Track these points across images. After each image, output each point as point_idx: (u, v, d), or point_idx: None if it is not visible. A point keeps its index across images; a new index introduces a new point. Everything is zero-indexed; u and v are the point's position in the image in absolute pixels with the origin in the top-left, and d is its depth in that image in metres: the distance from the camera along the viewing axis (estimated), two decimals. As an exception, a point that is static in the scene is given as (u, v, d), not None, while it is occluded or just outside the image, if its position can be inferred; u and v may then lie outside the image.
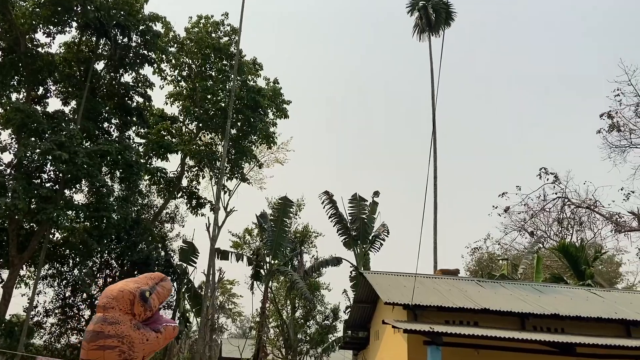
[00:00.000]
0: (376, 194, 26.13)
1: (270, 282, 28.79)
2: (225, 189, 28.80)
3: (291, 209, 26.53)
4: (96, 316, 2.96)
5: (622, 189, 31.34)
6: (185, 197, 29.52)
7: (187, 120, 30.19)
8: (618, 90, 29.16)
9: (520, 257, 31.41)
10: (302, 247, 30.41)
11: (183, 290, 25.16)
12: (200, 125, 29.11)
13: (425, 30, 29.05)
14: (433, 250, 25.76)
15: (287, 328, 32.52)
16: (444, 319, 12.73)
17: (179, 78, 30.03)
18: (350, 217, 25.42)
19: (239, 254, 27.00)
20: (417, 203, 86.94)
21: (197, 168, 30.19)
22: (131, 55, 25.54)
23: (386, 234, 25.59)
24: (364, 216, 25.31)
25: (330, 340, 30.34)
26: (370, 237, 25.21)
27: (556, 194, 30.39)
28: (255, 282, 27.87)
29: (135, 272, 25.41)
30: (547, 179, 30.39)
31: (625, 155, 31.00)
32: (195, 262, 26.28)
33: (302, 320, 33.31)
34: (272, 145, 30.22)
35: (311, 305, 32.18)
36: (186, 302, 27.03)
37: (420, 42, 29.52)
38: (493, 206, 31.92)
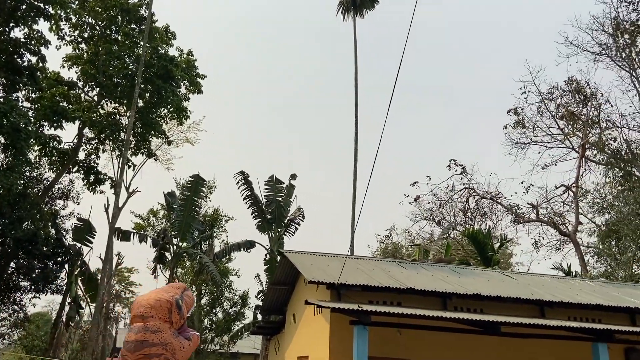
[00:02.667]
0: (293, 176, 25.30)
1: (176, 267, 26.97)
2: (130, 164, 26.45)
3: (203, 189, 24.91)
4: (136, 325, 2.95)
5: (522, 182, 33.29)
6: (82, 171, 26.73)
7: (87, 87, 27.31)
8: (524, 88, 30.84)
9: (427, 245, 32.20)
10: (212, 231, 28.83)
11: (76, 273, 22.65)
12: (103, 93, 26.44)
13: (350, 9, 28.58)
14: (350, 235, 25.47)
15: (192, 316, 30.81)
16: (367, 299, 12.18)
17: (80, 39, 27.06)
18: (266, 200, 24.36)
19: (143, 234, 24.90)
20: (333, 188, 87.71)
21: (97, 141, 27.44)
22: (24, 7, 22.42)
23: (302, 218, 24.87)
24: (280, 199, 24.37)
25: (237, 327, 29.12)
26: (285, 221, 24.33)
27: (463, 184, 31.55)
28: (158, 266, 25.92)
29: (19, 251, 22.50)
30: (456, 170, 31.49)
31: (525, 152, 33.03)
32: (91, 243, 23.81)
33: (208, 308, 31.75)
34: (183, 120, 28.25)
35: (219, 292, 30.75)
36: (79, 286, 24.47)
37: (344, 22, 29.09)
38: (404, 195, 32.52)
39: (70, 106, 25.70)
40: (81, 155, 27.12)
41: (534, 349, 11.94)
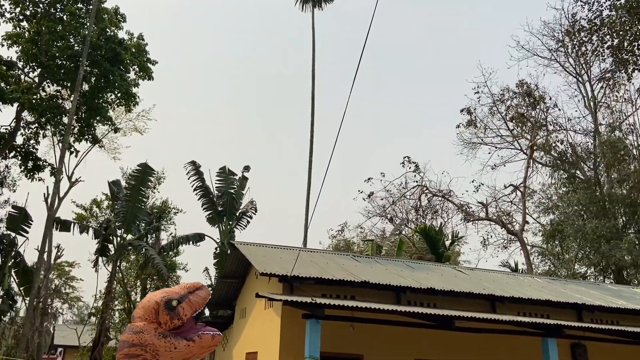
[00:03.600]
0: (246, 168, 24.65)
1: (119, 260, 25.72)
2: (72, 150, 25.02)
3: (151, 178, 23.83)
4: (128, 325, 3.10)
5: (473, 181, 33.94)
6: (20, 157, 25.08)
7: (27, 68, 25.64)
8: (478, 88, 31.43)
9: (379, 241, 32.25)
10: (160, 223, 27.71)
11: (9, 264, 21.14)
12: (45, 74, 24.88)
13: (309, 0, 28.12)
14: (304, 229, 25.10)
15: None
16: (321, 292, 11.80)
17: (21, 17, 25.42)
18: (218, 192, 23.59)
19: (84, 225, 23.56)
20: (287, 182, 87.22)
21: (37, 125, 25.80)
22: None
23: (254, 211, 24.25)
24: (232, 191, 23.66)
25: (184, 323, 28.13)
26: (237, 214, 23.64)
27: (416, 182, 31.80)
28: (101, 258, 24.62)
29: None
30: (410, 168, 31.70)
31: (475, 152, 33.71)
32: (27, 232, 22.28)
33: (153, 303, 30.55)
34: (132, 107, 26.99)
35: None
36: (13, 278, 22.91)
37: (303, 13, 28.63)
38: (359, 191, 32.48)
39: (8, 87, 24.04)
40: (19, 140, 25.54)
41: (485, 343, 11.92)
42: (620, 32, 11.56)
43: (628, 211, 28.92)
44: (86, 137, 26.04)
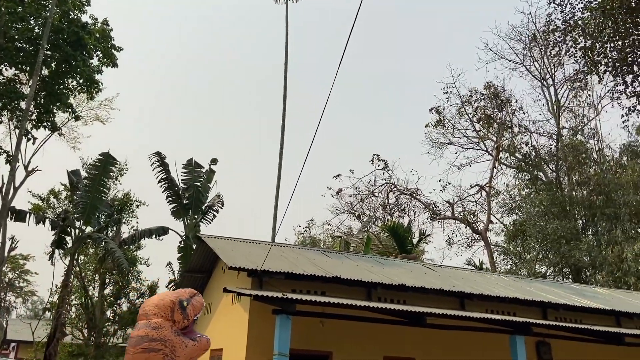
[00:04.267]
0: (214, 161, 24.08)
1: (77, 253, 24.74)
2: (30, 136, 23.88)
3: (113, 168, 22.97)
4: (140, 322, 3.22)
5: (440, 180, 34.29)
6: (-27, 143, 23.78)
7: (-16, 49, 24.28)
8: (447, 88, 31.73)
9: (347, 238, 32.18)
10: (121, 215, 26.80)
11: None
12: (3, 57, 23.62)
13: (282, -9, 27.78)
14: (272, 223, 24.72)
15: (93, 306, 28.57)
16: (291, 287, 11.53)
17: (-23, -4, 24.02)
18: (183, 184, 22.96)
19: (41, 216, 22.53)
20: (255, 178, 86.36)
21: (-8, 110, 24.50)
22: None
23: (221, 205, 23.73)
24: (198, 184, 23.06)
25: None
26: (203, 207, 23.07)
27: (384, 179, 31.86)
28: (57, 251, 23.62)
29: None
30: (379, 165, 31.72)
31: (443, 151, 34.07)
32: (-22, 222, 21.14)
33: (112, 298, 29.60)
34: (94, 94, 25.94)
35: (125, 281, 28.76)
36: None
37: (277, 4, 28.20)
38: (327, 187, 32.30)
39: (-39, 69, 22.74)
40: (-28, 125, 24.17)
41: (454, 340, 11.91)
42: (594, 34, 11.73)
43: (587, 213, 29.78)
44: (45, 124, 24.85)
